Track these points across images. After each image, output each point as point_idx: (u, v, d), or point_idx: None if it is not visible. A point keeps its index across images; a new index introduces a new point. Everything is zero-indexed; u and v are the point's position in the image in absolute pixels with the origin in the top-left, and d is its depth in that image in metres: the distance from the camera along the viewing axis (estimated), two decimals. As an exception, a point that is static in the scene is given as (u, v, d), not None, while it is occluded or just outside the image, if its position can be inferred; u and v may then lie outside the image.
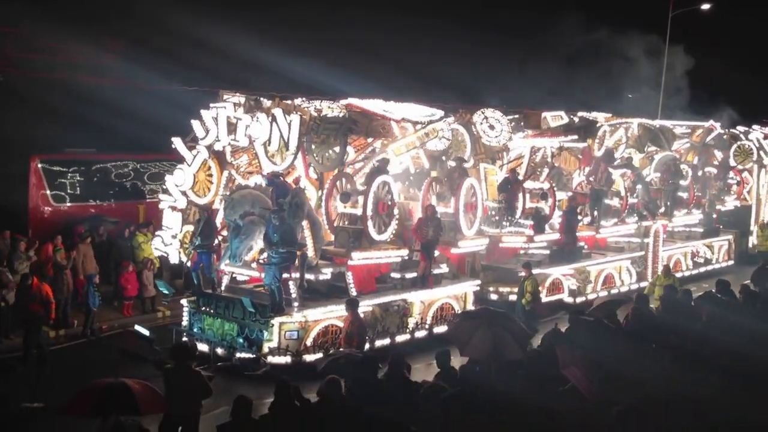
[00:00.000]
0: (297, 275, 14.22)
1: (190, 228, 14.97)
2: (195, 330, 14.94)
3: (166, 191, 15.30)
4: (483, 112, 18.20)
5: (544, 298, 17.79)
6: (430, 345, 14.27)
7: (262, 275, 14.05)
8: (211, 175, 14.99)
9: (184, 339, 13.96)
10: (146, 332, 13.95)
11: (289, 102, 14.58)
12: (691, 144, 25.33)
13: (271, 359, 13.53)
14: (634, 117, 22.93)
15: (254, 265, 14.46)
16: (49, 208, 19.26)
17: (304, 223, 14.22)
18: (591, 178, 20.35)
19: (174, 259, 15.30)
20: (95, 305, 15.90)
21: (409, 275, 15.64)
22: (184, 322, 15.20)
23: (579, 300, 18.88)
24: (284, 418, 8.15)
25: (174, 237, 15.09)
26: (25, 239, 16.81)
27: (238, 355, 13.82)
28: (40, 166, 19.26)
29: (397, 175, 16.05)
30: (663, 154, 23.22)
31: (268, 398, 9.58)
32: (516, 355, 10.10)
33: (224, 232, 14.77)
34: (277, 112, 13.89)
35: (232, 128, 14.46)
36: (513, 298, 16.86)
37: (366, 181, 15.01)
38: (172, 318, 17.05)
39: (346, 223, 15.31)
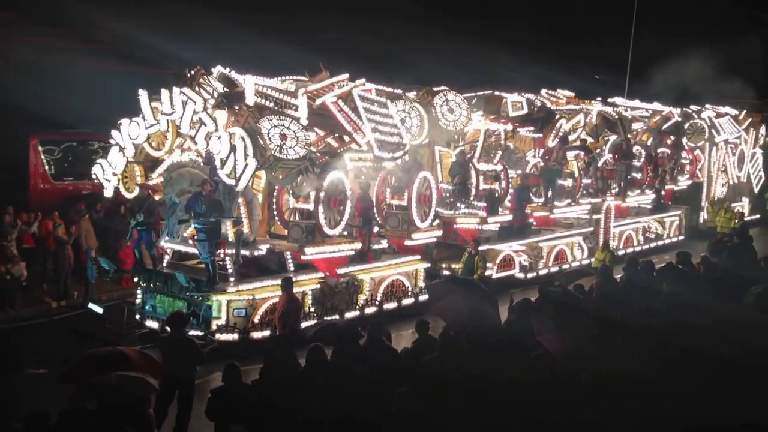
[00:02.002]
0: (233, 251, 14.28)
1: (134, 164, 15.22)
2: (147, 308, 14.95)
3: (118, 130, 15.22)
4: (445, 95, 18.24)
5: (495, 275, 18.59)
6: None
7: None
8: (168, 131, 14.99)
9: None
10: (100, 310, 14.47)
11: (260, 102, 14.14)
12: (648, 127, 26.29)
13: (219, 336, 13.62)
14: (594, 103, 23.73)
15: (191, 241, 14.49)
16: (48, 186, 20.68)
17: (240, 200, 14.43)
18: (546, 157, 20.99)
19: (108, 194, 15.51)
20: (92, 277, 16.89)
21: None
22: (138, 300, 15.22)
23: (530, 276, 19.65)
24: (273, 382, 8.60)
25: (114, 175, 15.23)
26: (11, 212, 17.47)
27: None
28: (39, 146, 20.66)
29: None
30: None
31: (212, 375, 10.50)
32: (495, 322, 10.78)
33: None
34: (239, 142, 13.61)
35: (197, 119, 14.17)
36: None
37: (318, 176, 14.78)
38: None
39: (299, 218, 15.42)
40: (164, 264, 15.28)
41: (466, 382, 8.15)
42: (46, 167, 20.82)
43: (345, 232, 15.72)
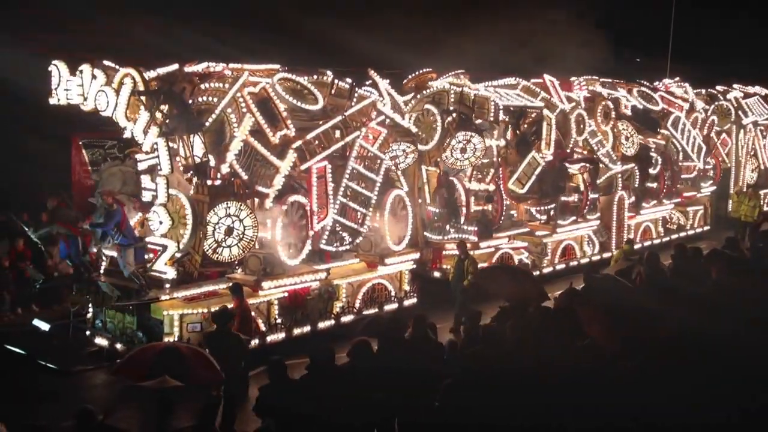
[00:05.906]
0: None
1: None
2: (97, 323, 13.95)
3: (92, 70, 13.35)
4: (470, 136, 17.05)
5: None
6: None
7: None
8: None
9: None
10: (46, 327, 13.81)
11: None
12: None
13: None
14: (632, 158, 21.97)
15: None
16: (91, 182, 21.41)
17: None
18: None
19: (52, 102, 13.74)
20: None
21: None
22: (89, 315, 14.23)
23: (534, 275, 17.62)
24: (321, 379, 8.59)
25: (66, 91, 13.49)
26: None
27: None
28: (81, 143, 21.76)
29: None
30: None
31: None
32: (540, 300, 11.33)
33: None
34: (171, 246, 12.95)
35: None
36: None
37: (274, 201, 13.88)
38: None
39: (257, 247, 13.94)
40: (101, 272, 14.20)
41: (510, 373, 8.20)
42: (89, 165, 21.79)
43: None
